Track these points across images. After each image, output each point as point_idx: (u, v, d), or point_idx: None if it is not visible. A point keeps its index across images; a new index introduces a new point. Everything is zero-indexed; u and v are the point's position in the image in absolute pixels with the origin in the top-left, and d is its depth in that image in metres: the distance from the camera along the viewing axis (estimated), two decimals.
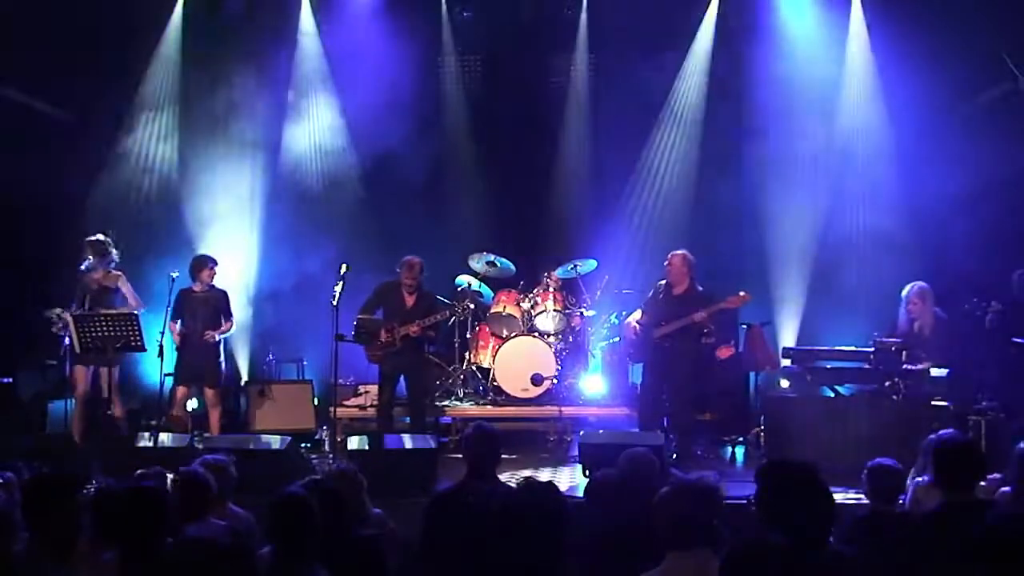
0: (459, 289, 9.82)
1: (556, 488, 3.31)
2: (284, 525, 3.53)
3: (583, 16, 10.44)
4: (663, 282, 8.21)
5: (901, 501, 4.68)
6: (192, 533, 3.22)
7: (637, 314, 8.43)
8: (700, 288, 8.07)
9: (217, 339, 8.37)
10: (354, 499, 4.27)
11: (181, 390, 8.36)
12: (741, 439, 8.68)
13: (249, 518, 4.54)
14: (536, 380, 9.13)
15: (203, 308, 8.33)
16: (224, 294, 8.52)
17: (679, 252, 8.11)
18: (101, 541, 3.59)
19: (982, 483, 4.41)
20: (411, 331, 8.12)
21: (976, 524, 2.89)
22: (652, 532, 3.42)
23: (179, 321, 8.28)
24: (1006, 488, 4.43)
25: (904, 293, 7.83)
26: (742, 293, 7.91)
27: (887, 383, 7.44)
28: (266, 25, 10.02)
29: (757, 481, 3.42)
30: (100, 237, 8.21)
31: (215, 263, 8.44)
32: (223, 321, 8.44)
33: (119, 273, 8.24)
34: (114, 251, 8.23)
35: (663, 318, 7.98)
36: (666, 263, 8.10)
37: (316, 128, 10.27)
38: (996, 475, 4.58)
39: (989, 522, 2.88)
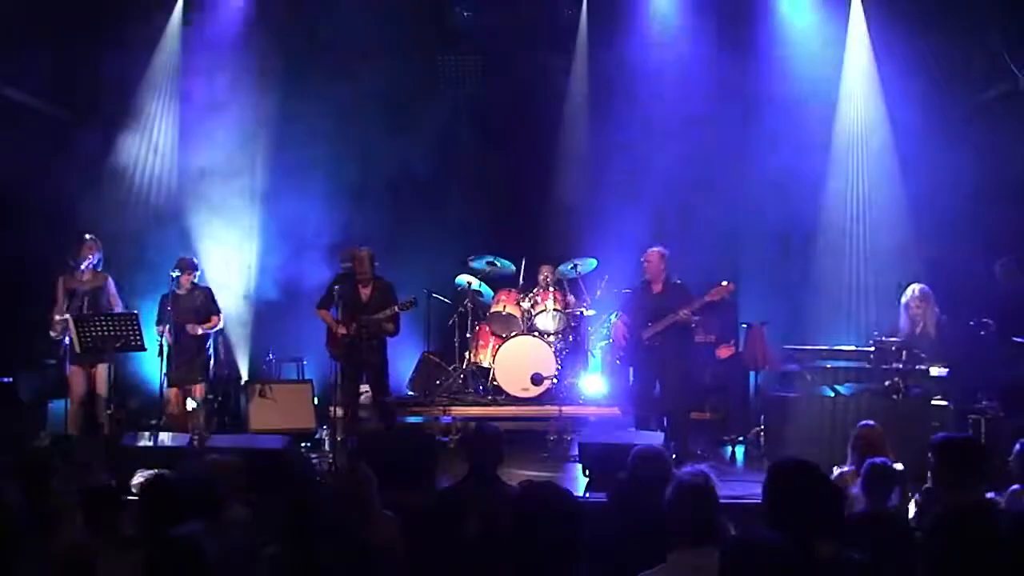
0: (459, 289, 9.83)
1: (567, 489, 3.31)
2: (297, 524, 3.51)
3: (583, 16, 10.45)
4: (641, 281, 8.22)
5: None
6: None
7: (616, 317, 8.43)
8: (677, 282, 8.07)
9: (200, 332, 8.27)
10: (363, 497, 4.25)
11: (173, 391, 8.33)
12: (741, 439, 8.68)
13: (248, 516, 4.53)
14: (536, 380, 9.13)
15: (188, 306, 8.28)
16: (208, 290, 8.45)
17: (656, 249, 8.09)
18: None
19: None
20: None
21: (983, 525, 2.89)
22: (659, 531, 3.43)
23: (166, 325, 8.19)
24: (1016, 486, 4.44)
25: (905, 298, 7.81)
26: (724, 283, 7.88)
27: (887, 383, 7.44)
28: (265, 24, 10.00)
29: (768, 479, 3.43)
30: (94, 236, 8.18)
31: (195, 267, 8.37)
32: (210, 317, 8.40)
33: (107, 275, 8.22)
34: (98, 251, 8.20)
35: (648, 319, 7.97)
36: (643, 261, 8.09)
37: (315, 128, 10.26)
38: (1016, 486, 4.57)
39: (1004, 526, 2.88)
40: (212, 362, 8.53)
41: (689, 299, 7.91)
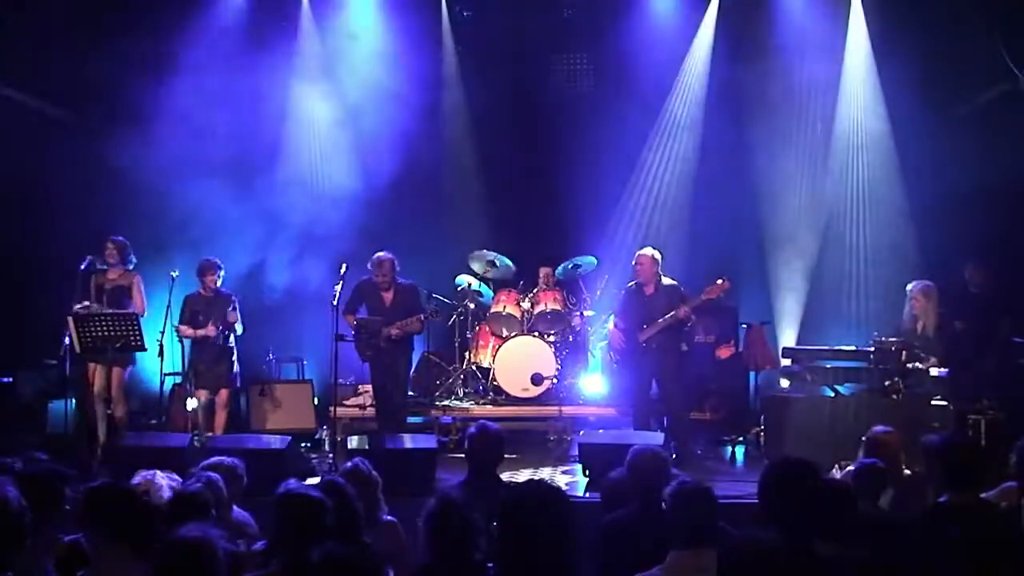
0: (459, 289, 9.83)
1: (561, 488, 3.32)
2: (295, 525, 3.52)
3: (583, 16, 10.44)
4: (632, 283, 8.22)
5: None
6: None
7: (611, 320, 8.43)
8: (669, 282, 8.07)
9: (222, 335, 8.30)
10: (367, 498, 4.25)
11: (203, 393, 8.33)
12: (741, 439, 8.67)
13: (250, 521, 4.54)
14: (536, 380, 9.12)
15: (211, 311, 8.32)
16: (231, 298, 8.46)
17: (647, 252, 8.08)
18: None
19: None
20: (392, 334, 8.12)
21: (980, 524, 2.90)
22: (658, 531, 3.44)
23: (186, 326, 8.25)
24: (1010, 483, 4.45)
25: (908, 289, 7.82)
26: (720, 281, 7.87)
27: (887, 383, 7.43)
28: (264, 24, 10.00)
29: (761, 479, 3.44)
30: (122, 238, 8.25)
31: (219, 267, 8.42)
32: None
33: (136, 275, 8.27)
34: (132, 254, 8.27)
35: (643, 321, 7.97)
36: (635, 264, 8.08)
37: (316, 127, 10.27)
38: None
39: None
40: (237, 367, 8.52)
41: (683, 299, 7.91)
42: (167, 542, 3.05)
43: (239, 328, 8.42)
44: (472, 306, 9.76)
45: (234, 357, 8.46)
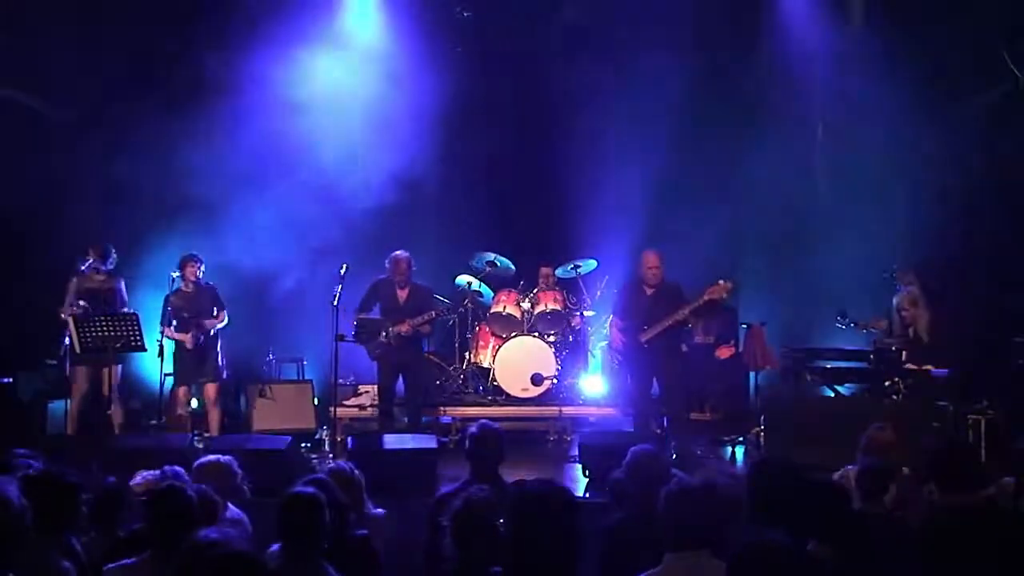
0: (459, 289, 9.84)
1: (570, 489, 3.32)
2: (295, 523, 3.54)
3: (583, 16, 10.43)
4: (631, 281, 8.20)
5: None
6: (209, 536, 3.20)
7: (609, 319, 8.43)
8: (670, 283, 8.06)
9: (212, 331, 8.31)
10: (351, 498, 4.25)
11: (183, 390, 8.35)
12: (741, 439, 8.67)
13: (244, 520, 4.53)
14: (536, 380, 9.13)
15: (194, 304, 8.32)
16: (213, 288, 8.49)
17: (654, 252, 8.08)
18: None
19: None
20: (402, 330, 8.15)
21: (977, 526, 2.90)
22: (656, 531, 3.43)
23: (171, 325, 8.25)
24: (1008, 478, 4.47)
25: (895, 300, 7.83)
26: (722, 282, 7.86)
27: (887, 383, 7.44)
28: (264, 26, 9.99)
29: (746, 481, 3.45)
30: (103, 243, 8.26)
31: (199, 260, 8.43)
32: (216, 313, 8.41)
33: (119, 276, 8.29)
34: (114, 254, 8.27)
35: (644, 321, 7.96)
36: (645, 264, 8.05)
37: (315, 128, 10.25)
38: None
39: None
40: (222, 360, 8.53)
41: (684, 298, 7.90)
42: (193, 545, 3.05)
43: (222, 322, 8.43)
44: (472, 306, 9.76)
45: (218, 351, 8.44)
